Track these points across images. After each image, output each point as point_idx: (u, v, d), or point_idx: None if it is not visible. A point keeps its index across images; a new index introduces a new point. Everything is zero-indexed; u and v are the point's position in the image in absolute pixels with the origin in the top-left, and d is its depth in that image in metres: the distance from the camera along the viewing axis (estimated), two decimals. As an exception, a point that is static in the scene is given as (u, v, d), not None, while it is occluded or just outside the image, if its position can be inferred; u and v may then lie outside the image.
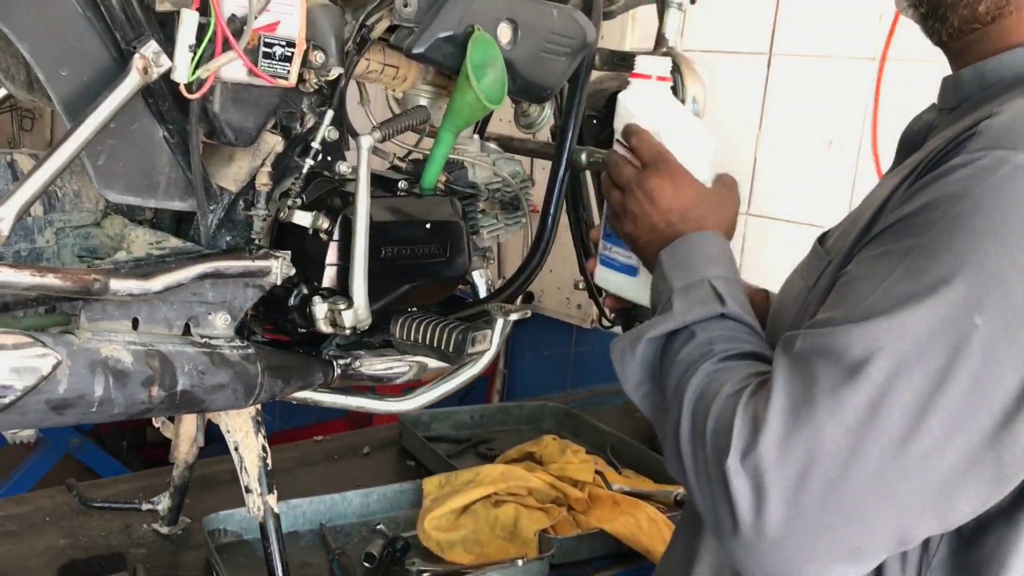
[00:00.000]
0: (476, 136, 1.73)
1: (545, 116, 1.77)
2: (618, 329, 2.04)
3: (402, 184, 1.52)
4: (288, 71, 1.29)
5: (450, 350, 1.38)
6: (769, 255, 2.65)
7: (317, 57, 1.36)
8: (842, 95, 2.54)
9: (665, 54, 1.68)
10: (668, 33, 1.72)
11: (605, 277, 1.25)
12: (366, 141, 1.39)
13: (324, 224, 1.40)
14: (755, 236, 2.73)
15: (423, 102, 1.61)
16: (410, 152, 1.64)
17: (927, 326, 0.75)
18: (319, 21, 1.35)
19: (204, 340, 1.26)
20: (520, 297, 1.86)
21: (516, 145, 1.83)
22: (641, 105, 1.18)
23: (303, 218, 1.41)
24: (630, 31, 3.04)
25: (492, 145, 1.76)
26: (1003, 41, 0.92)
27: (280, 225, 1.43)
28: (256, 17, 1.23)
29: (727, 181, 1.14)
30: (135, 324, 1.22)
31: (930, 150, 0.87)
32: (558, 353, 3.33)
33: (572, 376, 3.22)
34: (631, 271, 1.21)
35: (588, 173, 1.97)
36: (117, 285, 1.14)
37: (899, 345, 0.75)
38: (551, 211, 1.71)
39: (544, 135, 1.86)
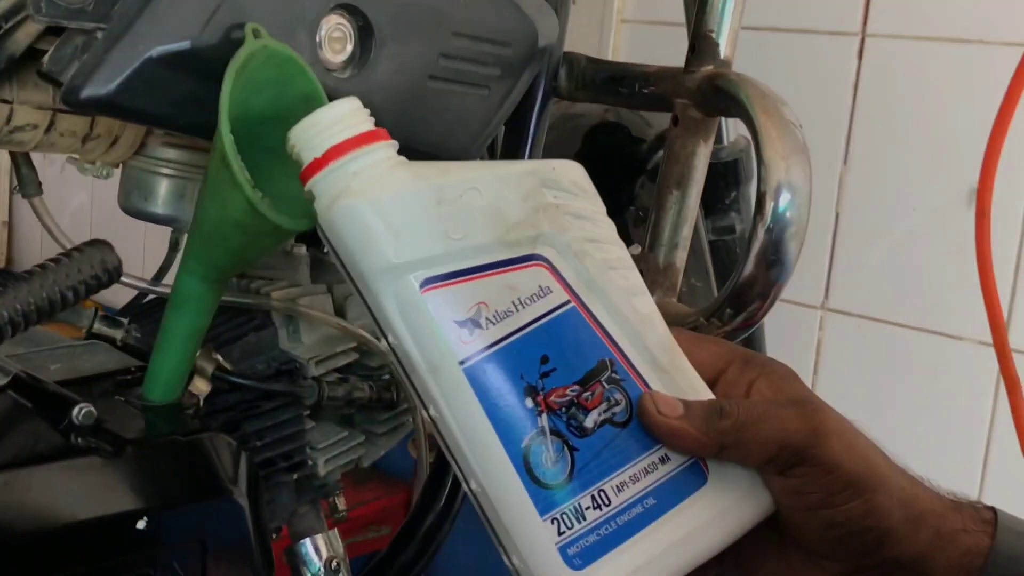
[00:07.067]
0: (294, 245, 0.82)
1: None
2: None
3: (79, 414, 0.61)
4: None
5: None
6: (856, 369, 1.54)
7: None
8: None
9: (714, 75, 0.75)
10: (717, 28, 0.77)
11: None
12: None
13: None
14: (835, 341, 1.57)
15: (165, 189, 0.71)
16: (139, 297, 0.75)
17: None
18: None
19: None
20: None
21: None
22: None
23: None
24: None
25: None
26: None
27: None
28: None
29: None
30: None
31: None
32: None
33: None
34: (693, 484, 0.55)
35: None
36: None
37: None
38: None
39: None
